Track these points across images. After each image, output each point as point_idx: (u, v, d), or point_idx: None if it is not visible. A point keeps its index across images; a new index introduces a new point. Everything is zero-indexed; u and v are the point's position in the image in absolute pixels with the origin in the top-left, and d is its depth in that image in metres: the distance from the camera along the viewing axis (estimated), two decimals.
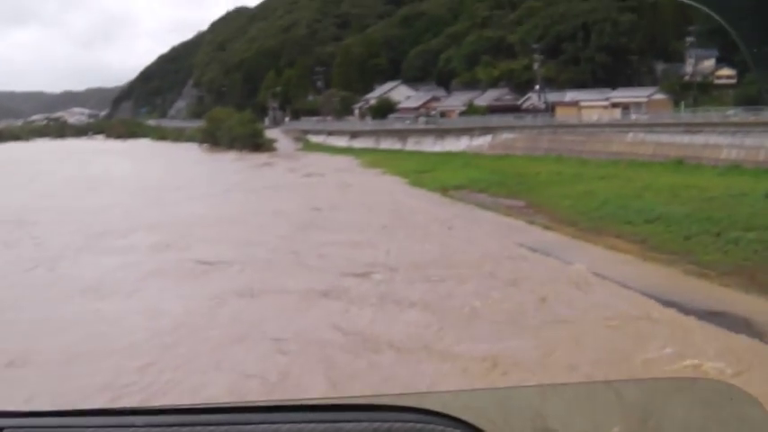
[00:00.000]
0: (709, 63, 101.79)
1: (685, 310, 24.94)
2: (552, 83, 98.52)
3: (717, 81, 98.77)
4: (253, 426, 1.13)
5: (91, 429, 1.17)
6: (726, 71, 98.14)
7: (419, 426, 1.13)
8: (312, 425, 1.13)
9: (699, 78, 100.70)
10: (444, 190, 56.70)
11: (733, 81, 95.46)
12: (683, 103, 77.52)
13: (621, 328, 23.20)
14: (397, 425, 1.13)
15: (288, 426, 1.13)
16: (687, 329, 23.17)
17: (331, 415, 1.18)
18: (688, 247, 33.85)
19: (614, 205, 43.35)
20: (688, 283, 28.78)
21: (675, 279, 29.38)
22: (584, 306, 25.75)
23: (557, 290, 27.83)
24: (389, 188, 61.46)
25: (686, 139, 60.30)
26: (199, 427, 1.13)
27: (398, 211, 47.72)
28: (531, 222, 42.38)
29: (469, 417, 1.21)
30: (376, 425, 1.13)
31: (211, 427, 1.13)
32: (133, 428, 1.13)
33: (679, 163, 58.45)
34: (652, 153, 62.18)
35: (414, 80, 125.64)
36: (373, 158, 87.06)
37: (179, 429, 1.12)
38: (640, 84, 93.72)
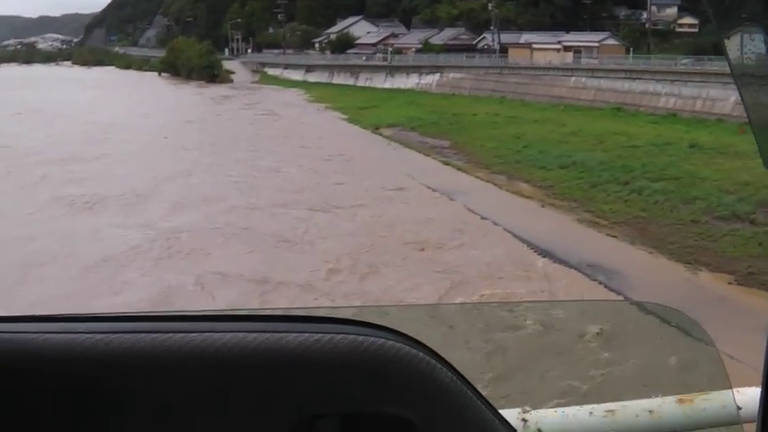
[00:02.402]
0: (671, 11, 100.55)
1: (557, 259, 24.00)
2: (511, 24, 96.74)
3: (678, 29, 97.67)
4: (194, 334, 1.14)
5: (31, 335, 1.16)
6: (688, 20, 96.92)
7: (360, 338, 1.16)
8: (253, 334, 1.14)
9: (661, 26, 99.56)
10: (376, 127, 55.41)
11: (695, 30, 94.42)
12: (631, 49, 76.04)
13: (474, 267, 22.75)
14: (339, 337, 1.15)
15: (230, 335, 1.14)
16: (551, 279, 22.21)
17: (272, 325, 1.19)
18: (591, 194, 32.89)
19: (536, 150, 42.20)
20: (575, 231, 27.85)
21: (564, 227, 28.47)
22: (452, 246, 25.12)
23: (432, 231, 26.95)
24: (324, 124, 60.51)
25: (627, 85, 59.03)
26: (141, 334, 1.14)
27: (318, 147, 46.52)
28: (447, 163, 41.28)
29: (409, 329, 1.24)
30: (317, 336, 1.15)
31: (153, 335, 1.14)
32: (76, 334, 1.14)
33: (617, 109, 57.36)
34: (592, 98, 61.06)
35: (379, 16, 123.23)
36: (322, 93, 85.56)
37: (120, 336, 1.14)
38: (601, 29, 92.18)
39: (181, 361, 1.13)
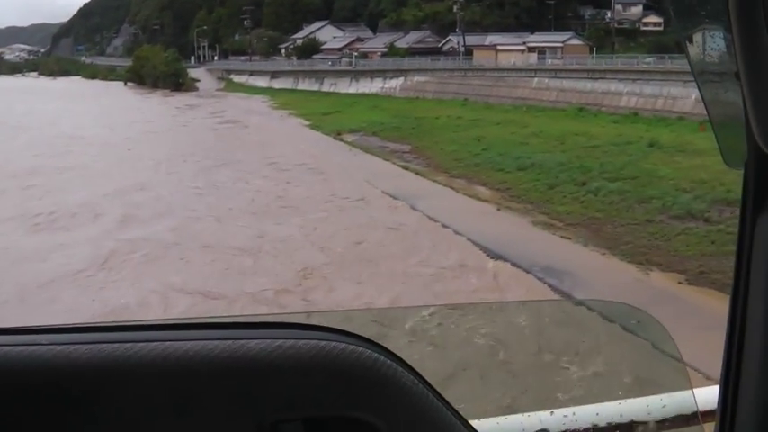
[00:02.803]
0: (636, 9, 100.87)
1: (510, 262, 23.82)
2: (477, 26, 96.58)
3: (644, 28, 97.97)
4: (156, 343, 1.15)
5: None
6: (653, 18, 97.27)
7: (323, 343, 1.18)
8: (216, 342, 1.15)
9: (626, 25, 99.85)
10: (338, 133, 55.09)
11: (659, 28, 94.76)
12: (595, 49, 76.20)
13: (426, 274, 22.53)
14: (301, 342, 1.17)
15: (192, 343, 1.15)
16: (501, 285, 21.96)
17: (235, 332, 1.20)
18: (548, 196, 32.72)
19: (495, 152, 41.99)
20: (529, 234, 27.67)
21: (519, 229, 28.27)
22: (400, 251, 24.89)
23: (382, 235, 27.03)
24: (287, 130, 60.15)
25: (589, 85, 59.04)
26: (102, 345, 1.14)
27: (281, 155, 46.14)
28: (406, 168, 40.96)
29: (372, 333, 1.26)
30: (279, 342, 1.16)
31: (114, 345, 1.14)
32: (37, 346, 1.13)
33: (580, 110, 57.35)
34: (555, 99, 61.07)
35: (345, 20, 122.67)
36: (287, 100, 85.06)
37: (81, 347, 1.13)
38: (566, 29, 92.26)
39: (143, 370, 1.13)
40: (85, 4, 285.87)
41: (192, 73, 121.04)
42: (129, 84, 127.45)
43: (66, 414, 1.12)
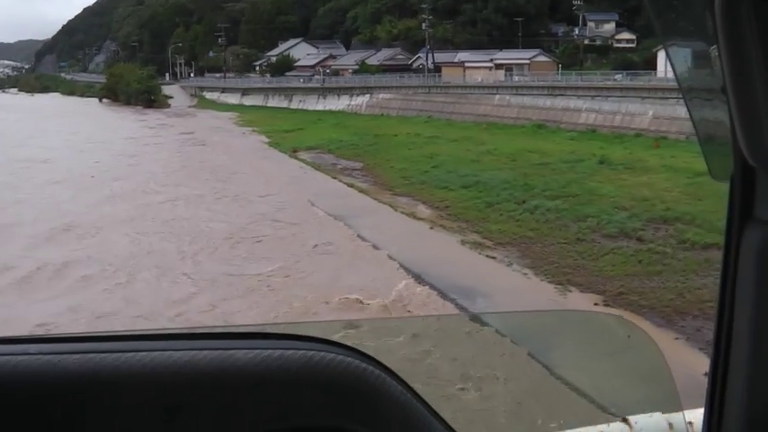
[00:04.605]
0: (609, 27, 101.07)
1: (425, 282, 23.23)
2: (449, 43, 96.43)
3: (616, 44, 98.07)
4: (144, 353, 1.14)
5: None
6: (625, 35, 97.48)
7: (311, 353, 1.18)
8: (204, 352, 1.15)
9: (599, 42, 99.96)
10: (295, 150, 54.58)
11: (632, 45, 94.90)
12: (560, 65, 76.12)
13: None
14: (289, 352, 1.17)
15: (180, 353, 1.15)
16: (409, 305, 21.32)
17: (223, 342, 1.20)
18: (485, 214, 32.14)
19: (444, 170, 41.52)
20: (455, 253, 26.97)
21: (446, 249, 27.54)
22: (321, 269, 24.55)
23: (307, 256, 26.44)
24: (245, 147, 59.95)
25: (549, 102, 58.65)
26: (90, 354, 1.14)
27: (230, 171, 45.71)
28: (351, 185, 40.35)
29: (360, 344, 1.26)
30: (267, 352, 1.16)
31: (102, 355, 1.14)
32: (26, 356, 1.13)
33: (539, 126, 56.99)
34: (516, 116, 60.62)
35: (321, 38, 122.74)
36: (254, 117, 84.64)
37: (70, 356, 1.13)
38: (540, 46, 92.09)
39: (131, 380, 1.13)
40: (69, 21, 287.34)
41: (167, 90, 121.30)
42: (104, 100, 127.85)
43: (55, 424, 1.11)
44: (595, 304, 21.48)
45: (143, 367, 1.11)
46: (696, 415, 2.01)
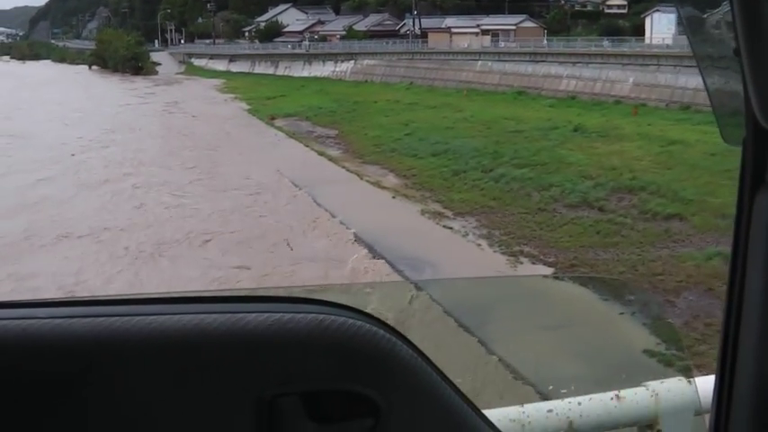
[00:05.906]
0: None
1: (376, 253, 23.12)
2: (437, 9, 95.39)
3: (607, 11, 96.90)
4: (154, 317, 1.15)
5: None
6: (617, 1, 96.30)
7: (321, 317, 1.18)
8: (214, 315, 1.16)
9: (590, 8, 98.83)
10: (272, 118, 54.11)
11: (623, 11, 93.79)
12: (545, 31, 75.27)
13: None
14: (299, 316, 1.17)
15: (190, 317, 1.15)
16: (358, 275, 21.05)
17: (233, 306, 1.19)
18: (450, 183, 31.81)
19: (416, 137, 41.03)
20: (413, 223, 26.70)
21: (405, 219, 27.23)
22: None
23: (253, 222, 26.50)
24: (223, 114, 59.26)
25: (530, 68, 57.94)
26: (99, 318, 1.14)
27: (205, 143, 45.12)
28: (322, 153, 39.90)
29: (370, 308, 1.28)
30: (277, 316, 1.16)
31: (111, 318, 1.14)
32: (34, 320, 1.13)
33: (519, 93, 56.33)
34: (497, 82, 60.02)
35: (312, 3, 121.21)
36: (238, 84, 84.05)
37: (78, 320, 1.14)
38: (529, 12, 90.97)
39: (141, 343, 1.13)
40: None
41: (156, 56, 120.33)
42: (93, 67, 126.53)
43: (64, 387, 1.11)
44: (545, 277, 21.21)
45: (152, 331, 1.11)
46: (707, 381, 2.08)
